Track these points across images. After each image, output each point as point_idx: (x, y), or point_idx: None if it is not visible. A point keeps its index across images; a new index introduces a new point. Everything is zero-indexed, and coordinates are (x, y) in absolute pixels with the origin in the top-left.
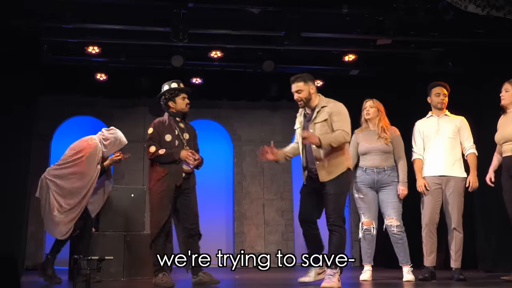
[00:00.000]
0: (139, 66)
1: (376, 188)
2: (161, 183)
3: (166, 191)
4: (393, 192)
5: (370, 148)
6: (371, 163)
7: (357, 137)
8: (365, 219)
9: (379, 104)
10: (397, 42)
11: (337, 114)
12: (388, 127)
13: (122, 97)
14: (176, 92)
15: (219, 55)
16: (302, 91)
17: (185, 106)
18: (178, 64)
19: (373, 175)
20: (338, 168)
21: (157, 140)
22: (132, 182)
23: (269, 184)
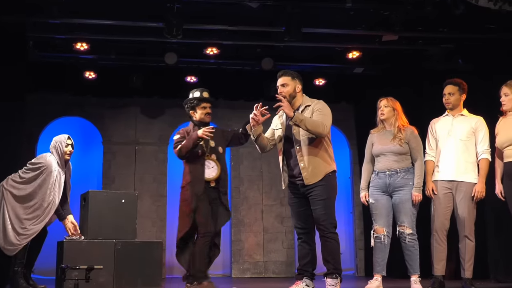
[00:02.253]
0: (130, 64)
1: (389, 192)
2: (185, 190)
3: (187, 200)
4: (406, 197)
5: (383, 150)
6: (383, 165)
7: (372, 137)
8: (377, 226)
9: (395, 102)
10: (403, 38)
11: (319, 109)
12: (406, 127)
13: (113, 97)
14: (196, 102)
15: (215, 52)
16: (287, 86)
17: (205, 117)
18: (171, 62)
19: (385, 178)
20: (323, 170)
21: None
22: (123, 186)
23: (268, 189)
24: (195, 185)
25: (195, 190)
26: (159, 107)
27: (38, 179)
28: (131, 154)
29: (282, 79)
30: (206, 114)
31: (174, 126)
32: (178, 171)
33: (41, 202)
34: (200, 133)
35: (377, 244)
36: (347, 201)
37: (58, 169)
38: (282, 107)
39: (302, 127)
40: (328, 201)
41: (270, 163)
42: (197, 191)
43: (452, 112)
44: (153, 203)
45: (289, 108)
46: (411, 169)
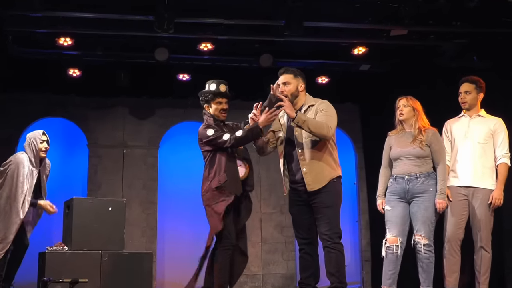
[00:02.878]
0: (117, 60)
1: (407, 198)
2: (222, 190)
3: (225, 201)
4: (425, 204)
5: (402, 153)
6: (402, 169)
7: (390, 140)
8: (390, 235)
9: (415, 101)
10: (414, 32)
11: (323, 109)
12: (427, 128)
13: (98, 96)
14: (211, 96)
15: (210, 48)
16: (289, 84)
17: (219, 113)
18: (162, 58)
19: (403, 183)
20: (327, 175)
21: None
22: (110, 193)
23: (266, 195)
24: (232, 185)
25: (235, 190)
26: (148, 107)
27: (2, 178)
28: (119, 158)
29: (284, 76)
30: (221, 110)
31: (165, 128)
32: (169, 176)
33: (4, 203)
34: (262, 122)
35: (388, 255)
36: (352, 209)
37: (30, 167)
38: (283, 107)
39: (305, 129)
40: (332, 209)
41: (269, 168)
42: (237, 191)
43: (468, 113)
44: (143, 211)
45: (291, 108)
46: (432, 174)
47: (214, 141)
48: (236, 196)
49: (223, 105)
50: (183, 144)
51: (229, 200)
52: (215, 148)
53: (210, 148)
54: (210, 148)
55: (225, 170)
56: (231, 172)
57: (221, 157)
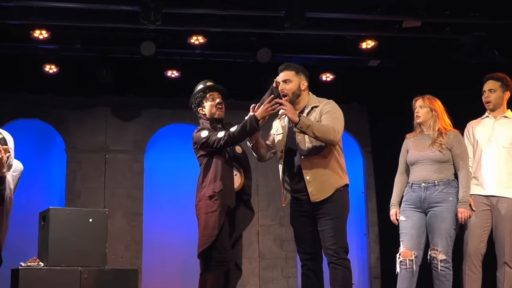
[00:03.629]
0: (99, 55)
1: (424, 208)
2: (215, 200)
3: (216, 212)
4: (443, 215)
5: (419, 157)
6: (419, 175)
7: (407, 143)
8: (403, 249)
9: (433, 101)
10: (428, 24)
11: (329, 111)
12: (448, 130)
13: (78, 95)
14: (201, 94)
15: (201, 42)
16: (291, 82)
17: (216, 110)
18: (149, 53)
19: (419, 191)
20: (333, 184)
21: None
22: (90, 203)
23: (264, 205)
24: (226, 195)
25: (228, 202)
26: (134, 107)
27: None
28: (100, 164)
29: (285, 73)
30: (217, 105)
31: (152, 130)
32: (156, 184)
33: None
34: (261, 113)
35: (402, 271)
36: (360, 221)
37: None
38: (284, 110)
39: (309, 134)
40: (338, 220)
41: (267, 175)
42: (230, 203)
43: (493, 114)
44: (127, 223)
45: (293, 112)
46: (452, 181)
47: (209, 141)
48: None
49: (216, 99)
50: (172, 149)
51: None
52: (211, 151)
53: (205, 152)
54: (205, 151)
55: (222, 178)
56: (227, 181)
57: (217, 162)
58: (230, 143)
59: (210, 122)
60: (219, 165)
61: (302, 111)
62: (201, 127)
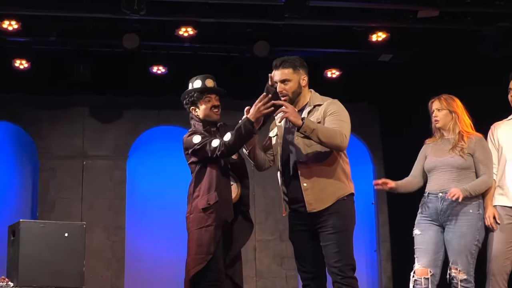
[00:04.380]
0: (76, 49)
1: (441, 221)
2: (209, 213)
3: (211, 226)
4: (462, 230)
5: (437, 163)
6: (435, 184)
7: (426, 149)
8: (418, 266)
9: (451, 102)
10: (446, 14)
11: (334, 112)
12: (470, 134)
13: (52, 94)
14: (197, 94)
15: (191, 33)
16: (289, 82)
17: (211, 112)
18: (132, 46)
19: (436, 202)
20: (335, 192)
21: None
22: (66, 215)
23: (262, 218)
24: (223, 208)
25: (224, 215)
26: (115, 107)
27: None
28: (77, 171)
29: (281, 73)
30: (213, 107)
31: (135, 133)
32: (140, 194)
33: None
34: (253, 114)
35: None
36: (369, 236)
37: None
38: (285, 113)
39: (314, 139)
40: (343, 234)
41: (266, 183)
42: (227, 217)
43: None
44: (108, 238)
45: (296, 115)
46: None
47: (202, 150)
48: (226, 222)
49: (213, 101)
50: (159, 154)
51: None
52: (204, 159)
53: (197, 159)
54: (197, 158)
55: (217, 188)
56: (224, 191)
57: (212, 170)
58: (226, 154)
59: (203, 124)
60: (214, 173)
61: (302, 109)
62: (193, 130)
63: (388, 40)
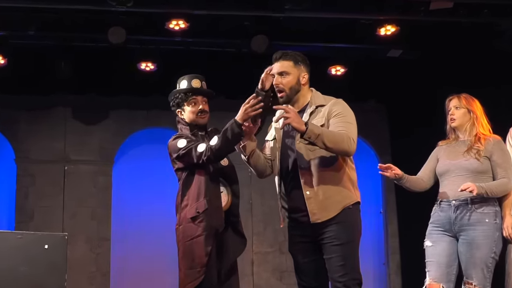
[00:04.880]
0: (57, 44)
1: (454, 231)
2: (198, 222)
3: (201, 237)
4: (477, 241)
5: (450, 166)
6: (448, 190)
7: (438, 151)
8: (430, 280)
9: (471, 101)
10: (461, 5)
11: (339, 113)
12: (487, 136)
13: (31, 93)
14: (182, 96)
15: (183, 27)
16: (288, 75)
17: (197, 117)
18: (118, 40)
19: (448, 210)
20: (340, 201)
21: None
22: (46, 226)
23: (260, 229)
24: (213, 216)
25: (215, 224)
26: (99, 107)
27: None
28: (58, 177)
29: (280, 64)
30: (200, 113)
31: (122, 136)
32: (127, 202)
33: None
34: (240, 116)
35: None
36: (377, 247)
37: None
38: (287, 119)
39: (319, 145)
40: (348, 246)
41: (264, 191)
42: (218, 225)
43: None
44: (92, 250)
45: (299, 120)
46: (490, 199)
47: (187, 155)
48: (217, 231)
49: (199, 104)
50: (147, 159)
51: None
52: (190, 165)
53: (183, 165)
54: (183, 165)
55: (206, 195)
56: (214, 198)
57: (200, 177)
58: (213, 159)
59: (190, 128)
60: (203, 180)
61: (303, 110)
62: (178, 134)
63: (398, 34)
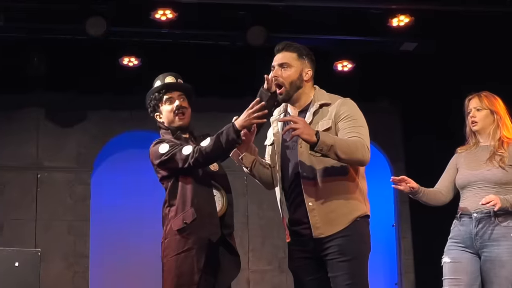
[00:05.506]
0: (29, 37)
1: (476, 248)
2: (186, 234)
3: (192, 251)
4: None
5: (471, 177)
6: (470, 203)
7: (458, 159)
8: None
9: (493, 100)
10: None
11: (349, 116)
12: None
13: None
14: (157, 95)
15: (170, 17)
16: (290, 68)
17: (174, 116)
18: (97, 32)
19: (469, 224)
20: (347, 213)
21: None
22: (16, 240)
23: (258, 244)
24: (205, 225)
25: (207, 233)
26: (77, 108)
27: None
28: (31, 186)
29: (282, 55)
30: (177, 111)
31: (102, 140)
32: (108, 214)
33: None
34: (241, 122)
35: None
36: (390, 266)
37: None
38: (296, 131)
39: (331, 157)
40: (356, 263)
41: (261, 202)
42: (211, 235)
43: None
44: (68, 268)
45: (309, 131)
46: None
47: (171, 160)
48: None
49: (175, 101)
50: (130, 165)
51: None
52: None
53: (167, 173)
54: (167, 172)
55: (193, 203)
56: (204, 204)
57: (186, 184)
58: (202, 162)
59: (171, 132)
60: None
61: (306, 109)
62: (159, 139)
63: (412, 25)
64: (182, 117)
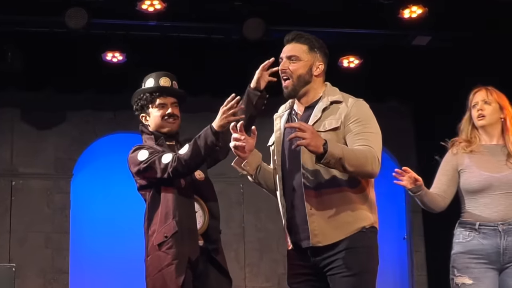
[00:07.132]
0: (2, 30)
1: (502, 263)
2: (166, 249)
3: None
4: None
5: (494, 181)
6: (491, 211)
7: (460, 159)
8: None
9: (501, 94)
10: None
11: (361, 121)
12: None
13: None
14: (148, 97)
15: (158, 8)
16: (298, 61)
17: (164, 122)
18: (78, 25)
19: (495, 237)
20: (351, 222)
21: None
22: None
23: (255, 258)
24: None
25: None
26: (55, 108)
27: None
28: (4, 194)
29: (292, 46)
30: (167, 117)
31: (82, 144)
32: (89, 225)
33: None
34: (218, 122)
35: None
36: (401, 281)
37: None
38: (303, 141)
39: (338, 169)
40: (362, 278)
41: (259, 212)
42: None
43: None
44: (45, 285)
45: (316, 142)
46: None
47: (149, 169)
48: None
49: (168, 107)
50: (113, 172)
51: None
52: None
53: (146, 182)
54: (146, 181)
55: (175, 216)
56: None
57: (167, 195)
58: (181, 172)
59: (155, 137)
60: (171, 197)
61: (313, 105)
62: (139, 145)
63: (426, 17)
64: (172, 123)
